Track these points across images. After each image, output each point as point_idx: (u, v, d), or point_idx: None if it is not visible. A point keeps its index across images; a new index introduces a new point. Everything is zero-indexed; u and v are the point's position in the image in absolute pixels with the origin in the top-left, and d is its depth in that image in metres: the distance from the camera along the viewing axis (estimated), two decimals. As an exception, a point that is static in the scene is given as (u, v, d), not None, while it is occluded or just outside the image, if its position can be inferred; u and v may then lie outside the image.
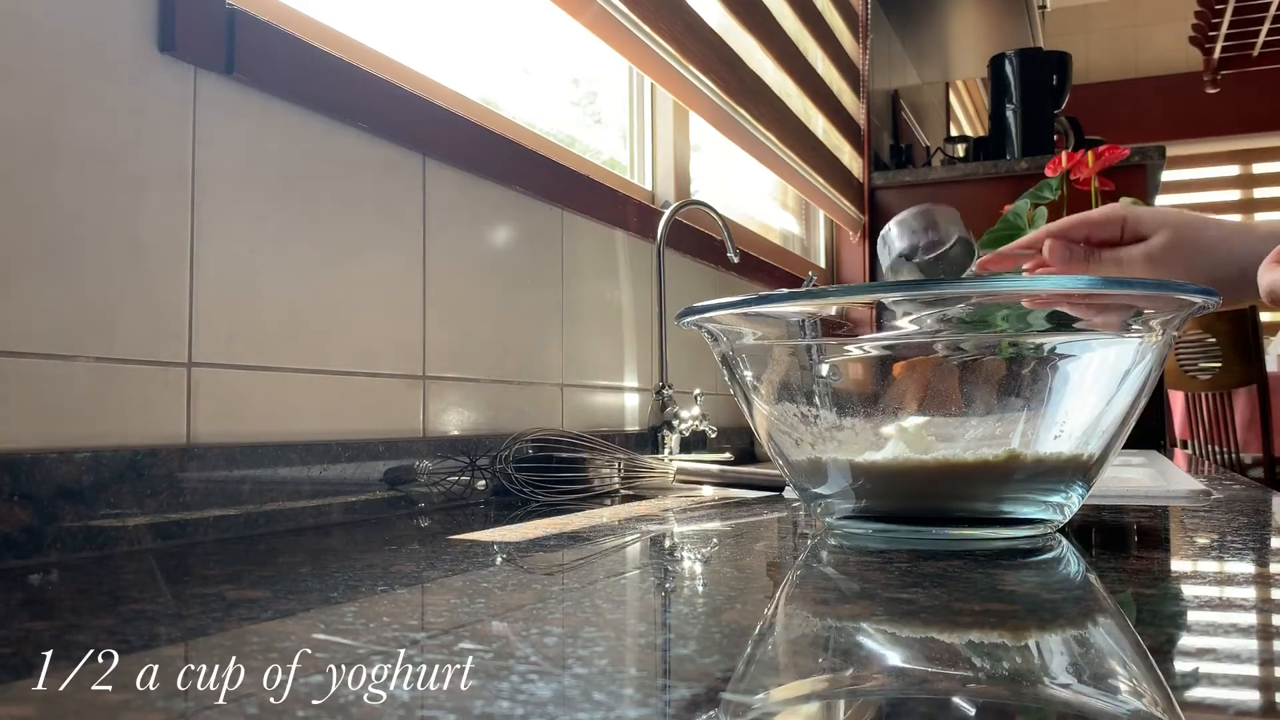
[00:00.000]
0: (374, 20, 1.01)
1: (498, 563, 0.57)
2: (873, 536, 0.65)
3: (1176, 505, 0.85)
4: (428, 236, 0.94)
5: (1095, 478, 0.64)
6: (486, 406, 1.02)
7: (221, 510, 0.69)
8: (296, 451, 0.76)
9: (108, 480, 0.61)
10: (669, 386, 1.36)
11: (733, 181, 2.07)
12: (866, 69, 2.66)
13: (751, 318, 0.66)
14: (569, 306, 1.20)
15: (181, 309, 0.69)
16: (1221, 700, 0.30)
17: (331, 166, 0.83)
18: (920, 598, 0.44)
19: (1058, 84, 2.74)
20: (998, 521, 0.63)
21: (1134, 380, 0.61)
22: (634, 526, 0.74)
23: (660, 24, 1.37)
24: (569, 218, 1.21)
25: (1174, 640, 0.38)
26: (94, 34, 0.64)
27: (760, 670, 0.35)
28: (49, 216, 0.61)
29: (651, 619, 0.43)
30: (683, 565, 0.58)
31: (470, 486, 0.95)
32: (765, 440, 0.69)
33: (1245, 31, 4.22)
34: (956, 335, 0.62)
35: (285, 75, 0.78)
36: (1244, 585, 0.48)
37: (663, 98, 1.65)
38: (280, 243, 0.78)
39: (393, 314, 0.90)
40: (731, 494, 1.02)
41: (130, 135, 0.66)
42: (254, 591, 0.48)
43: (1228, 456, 3.00)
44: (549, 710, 0.29)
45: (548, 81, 1.41)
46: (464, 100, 1.11)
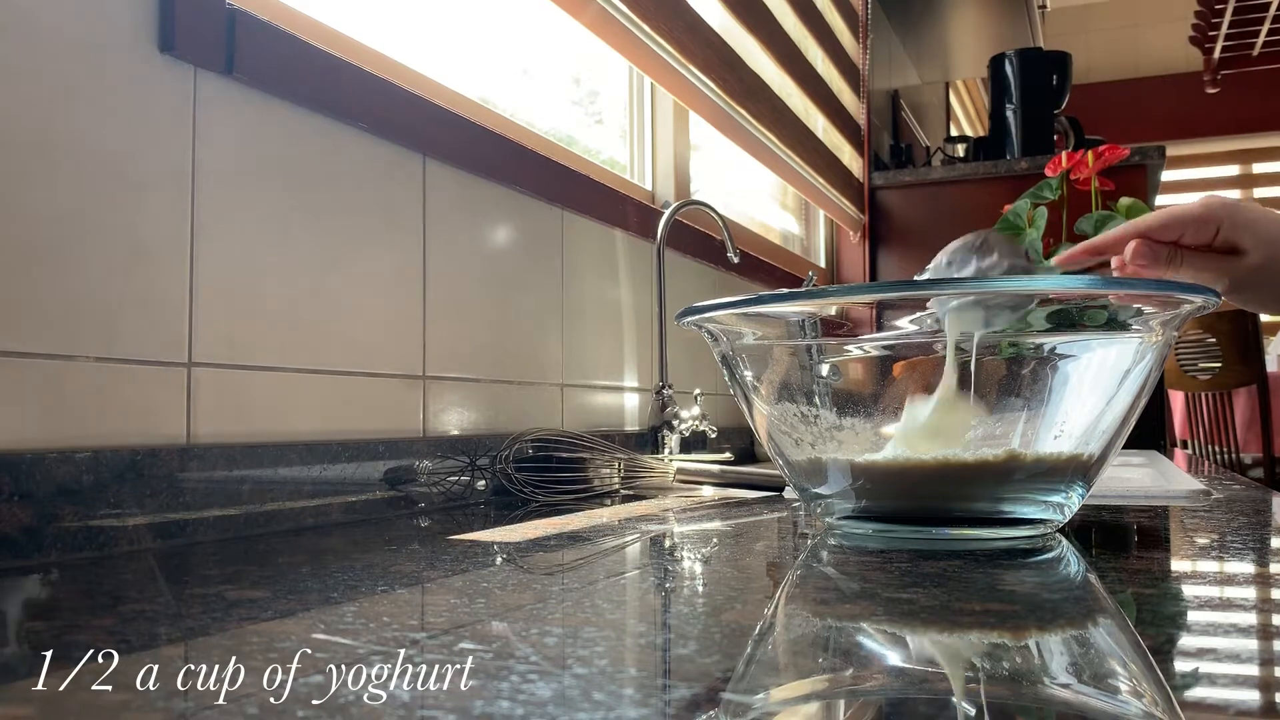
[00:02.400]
0: (374, 20, 1.01)
1: (498, 563, 0.57)
2: (873, 536, 0.65)
3: (1176, 505, 0.85)
4: (428, 236, 0.94)
5: (1095, 478, 0.64)
6: (486, 406, 1.02)
7: (221, 510, 0.69)
8: (296, 451, 0.76)
9: (108, 480, 0.61)
10: (669, 386, 1.36)
11: (733, 181, 2.07)
12: (866, 69, 2.66)
13: (751, 318, 0.66)
14: (569, 306, 1.20)
15: (181, 309, 0.69)
16: (1221, 700, 0.30)
17: (331, 166, 0.83)
18: (920, 598, 0.44)
19: (1058, 84, 2.74)
20: (998, 521, 0.63)
21: (1134, 380, 0.61)
22: (634, 526, 0.74)
23: (660, 24, 1.37)
24: (569, 218, 1.21)
25: (1174, 640, 0.38)
26: (94, 34, 0.64)
27: (760, 670, 0.35)
28: (49, 216, 0.61)
29: (651, 619, 0.43)
30: (683, 565, 0.58)
31: (470, 486, 0.95)
32: (765, 440, 0.69)
33: (1245, 31, 4.22)
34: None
35: (285, 75, 0.78)
36: (1244, 585, 0.48)
37: (663, 98, 1.65)
38: (280, 243, 0.78)
39: (393, 314, 0.90)
40: (731, 494, 1.02)
41: (130, 135, 0.66)
42: (254, 591, 0.47)
43: (1228, 456, 3.00)
44: (549, 710, 0.29)
45: (547, 81, 1.41)
46: (464, 100, 1.11)
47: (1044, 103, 2.71)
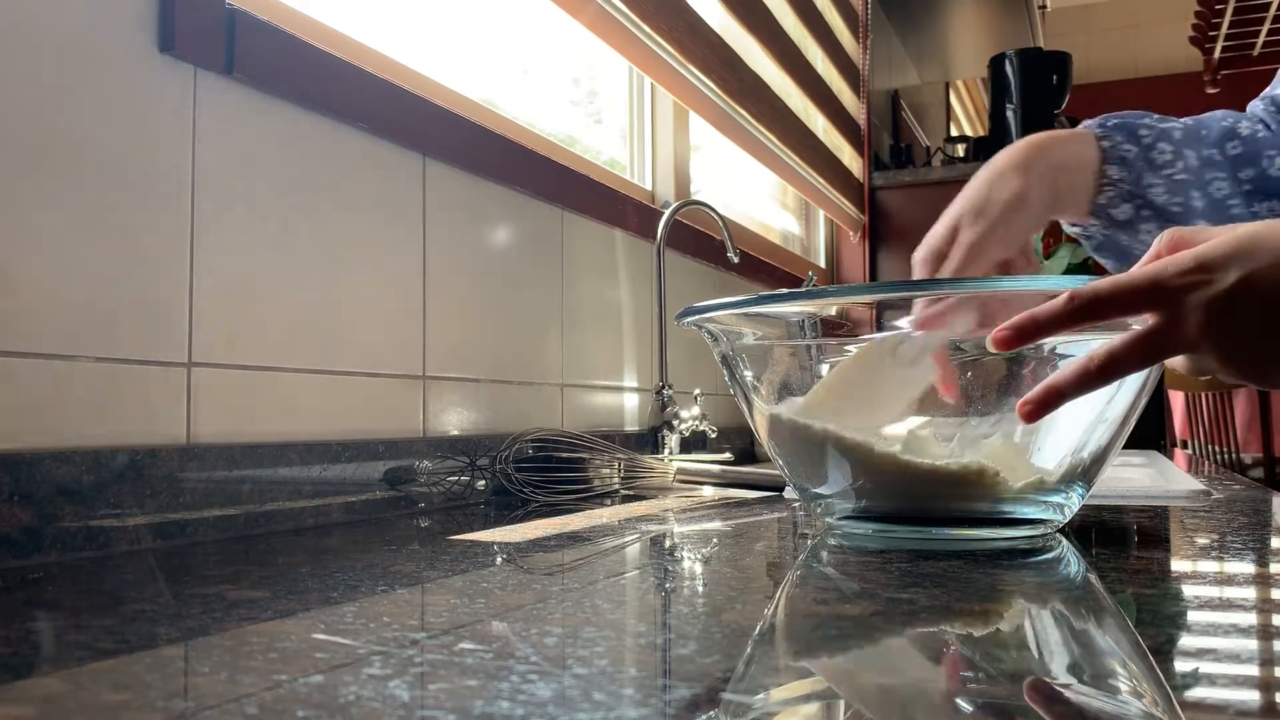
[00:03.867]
0: (374, 20, 1.01)
1: (498, 563, 0.57)
2: (873, 536, 0.65)
3: (1176, 505, 0.85)
4: (428, 236, 0.94)
5: (1095, 478, 0.64)
6: (486, 406, 1.02)
7: (221, 510, 0.69)
8: (296, 451, 0.76)
9: (107, 480, 0.61)
10: (669, 386, 1.36)
11: (733, 181, 2.07)
12: (866, 69, 2.66)
13: (751, 318, 0.66)
14: (569, 306, 1.20)
15: (181, 309, 0.69)
16: (1221, 700, 0.30)
17: (331, 166, 0.83)
18: (920, 598, 0.44)
19: (1058, 84, 2.74)
20: (998, 521, 0.63)
21: (1134, 380, 0.61)
22: (634, 526, 0.74)
23: (660, 24, 1.37)
24: (569, 217, 1.21)
25: (1174, 640, 0.38)
26: (94, 34, 0.64)
27: (760, 670, 0.35)
28: (49, 216, 0.61)
29: (651, 619, 0.43)
30: (683, 565, 0.58)
31: (470, 486, 0.95)
32: (765, 440, 0.69)
33: (1245, 31, 4.22)
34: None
35: (285, 75, 0.78)
36: (1244, 585, 0.48)
37: (663, 98, 1.65)
38: (280, 242, 0.78)
39: (393, 314, 0.90)
40: (731, 494, 1.02)
41: (130, 135, 0.66)
42: (254, 591, 0.47)
43: (1228, 456, 3.00)
44: (549, 710, 0.29)
45: (547, 81, 1.41)
46: (464, 100, 1.11)
47: (1044, 103, 2.71)
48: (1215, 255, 0.50)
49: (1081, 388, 0.53)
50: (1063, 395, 0.53)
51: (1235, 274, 0.50)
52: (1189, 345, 0.52)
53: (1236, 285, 0.50)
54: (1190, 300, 0.51)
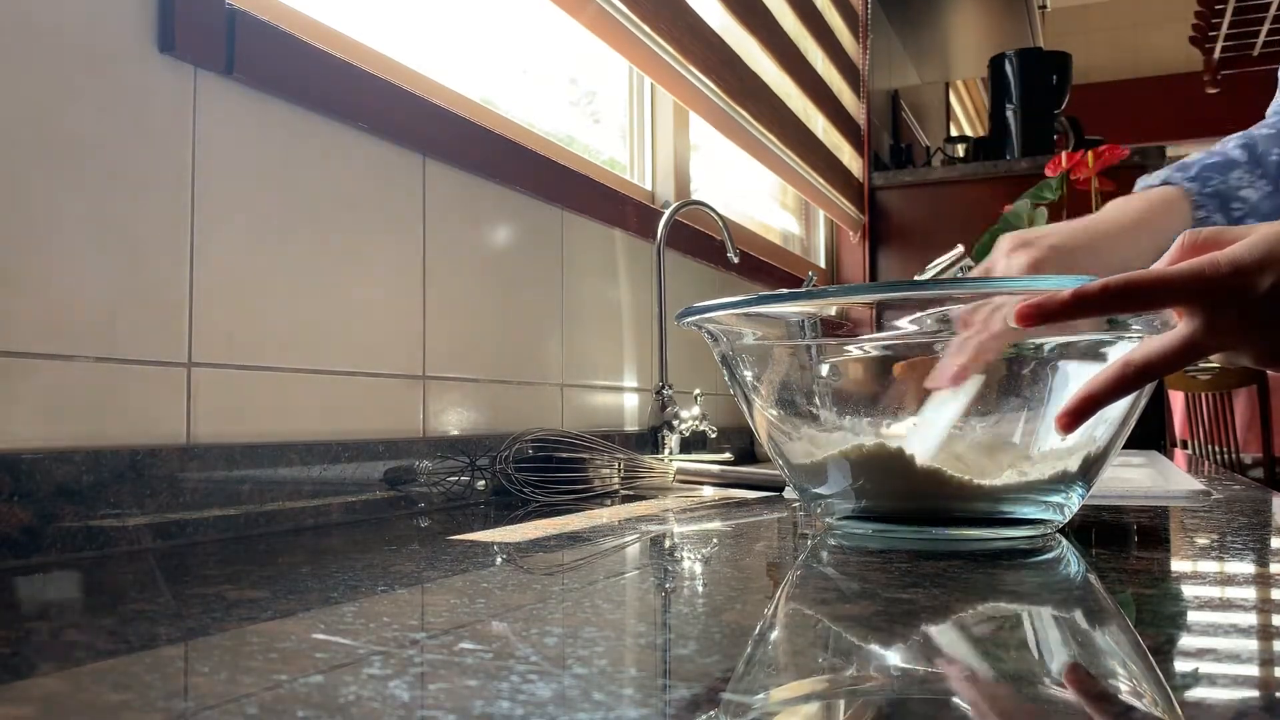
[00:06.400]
0: (374, 20, 1.01)
1: (498, 563, 0.56)
2: (873, 536, 0.65)
3: (1176, 505, 0.85)
4: (428, 236, 0.94)
5: (1095, 478, 0.64)
6: (486, 406, 1.02)
7: (221, 510, 0.69)
8: (296, 451, 0.76)
9: (107, 480, 0.61)
10: (669, 386, 1.36)
11: (733, 181, 2.07)
12: (866, 69, 2.66)
13: (751, 318, 0.66)
14: (569, 306, 1.20)
15: (181, 309, 0.69)
16: (1221, 700, 0.30)
17: (331, 166, 0.83)
18: (920, 598, 0.44)
19: (1058, 84, 2.74)
20: (998, 521, 0.63)
21: (1134, 380, 0.61)
22: (634, 527, 0.74)
23: (660, 24, 1.37)
24: (569, 217, 1.21)
25: (1174, 640, 0.38)
26: (94, 34, 0.64)
27: (760, 670, 0.35)
28: (49, 216, 0.61)
29: (651, 619, 0.43)
30: (683, 565, 0.58)
31: (470, 486, 0.95)
32: (765, 440, 0.69)
33: (1245, 31, 4.22)
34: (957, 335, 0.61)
35: (285, 75, 0.78)
36: (1244, 585, 0.48)
37: (663, 98, 1.65)
38: (280, 242, 0.78)
39: (393, 314, 0.90)
40: (731, 494, 1.02)
41: (130, 135, 0.66)
42: (254, 591, 0.47)
43: (1228, 456, 3.00)
44: (549, 710, 0.29)
45: (547, 81, 1.41)
46: (464, 100, 1.11)
47: (1044, 103, 2.71)
48: (1250, 259, 0.52)
49: (1118, 392, 0.55)
50: (1099, 402, 0.55)
51: (1271, 277, 0.51)
52: (1227, 346, 0.54)
53: (1273, 288, 0.51)
54: (1228, 303, 0.52)
